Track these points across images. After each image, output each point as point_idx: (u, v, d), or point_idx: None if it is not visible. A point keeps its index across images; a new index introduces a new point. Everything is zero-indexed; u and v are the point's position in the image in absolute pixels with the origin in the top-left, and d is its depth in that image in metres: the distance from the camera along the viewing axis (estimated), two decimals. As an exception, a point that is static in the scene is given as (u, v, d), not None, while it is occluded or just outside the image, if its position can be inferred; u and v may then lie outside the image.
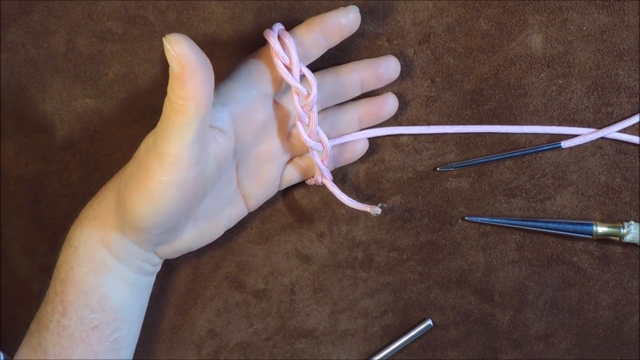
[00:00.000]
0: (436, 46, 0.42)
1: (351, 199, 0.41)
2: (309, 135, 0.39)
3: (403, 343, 0.45)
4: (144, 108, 0.44)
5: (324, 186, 0.42)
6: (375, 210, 0.40)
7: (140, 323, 0.41)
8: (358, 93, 0.41)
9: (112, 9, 0.42)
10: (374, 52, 0.42)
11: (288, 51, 0.37)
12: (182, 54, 0.33)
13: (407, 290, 0.45)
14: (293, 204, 0.44)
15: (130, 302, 0.39)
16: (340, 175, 0.44)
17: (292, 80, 0.37)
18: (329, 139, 0.40)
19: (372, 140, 0.43)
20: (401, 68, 0.42)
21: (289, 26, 0.38)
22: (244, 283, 0.45)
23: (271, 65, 0.38)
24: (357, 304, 0.45)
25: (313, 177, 0.42)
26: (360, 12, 0.42)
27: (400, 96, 0.42)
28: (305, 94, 0.38)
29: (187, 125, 0.34)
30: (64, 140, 0.44)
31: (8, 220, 0.45)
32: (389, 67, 0.41)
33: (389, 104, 0.42)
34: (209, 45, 0.42)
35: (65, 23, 0.43)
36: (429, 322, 0.44)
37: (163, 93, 0.43)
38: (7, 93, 0.44)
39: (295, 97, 0.38)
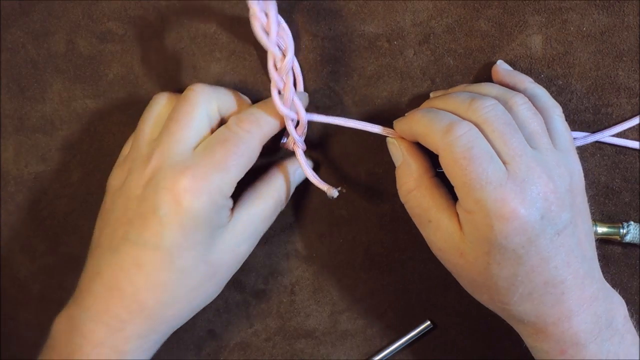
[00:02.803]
0: (436, 47, 0.42)
1: (315, 175, 0.39)
2: (284, 103, 0.36)
3: (403, 343, 0.45)
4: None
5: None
6: (332, 192, 0.38)
7: None
8: None
9: (112, 9, 0.42)
10: (374, 53, 0.42)
11: (267, 10, 0.33)
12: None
13: (407, 290, 0.45)
14: (293, 204, 0.44)
15: None
16: (341, 176, 0.44)
17: (268, 42, 0.34)
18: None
19: (373, 140, 0.43)
20: (401, 68, 0.42)
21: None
22: (244, 283, 0.45)
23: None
24: (357, 304, 0.45)
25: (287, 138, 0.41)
26: (360, 12, 0.42)
27: (400, 97, 0.42)
28: (280, 56, 0.35)
29: None
30: (64, 140, 0.44)
31: (8, 220, 0.45)
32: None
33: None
34: (209, 45, 0.42)
35: (65, 23, 0.43)
36: (429, 322, 0.44)
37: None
38: (7, 93, 0.44)
39: (270, 61, 0.35)
